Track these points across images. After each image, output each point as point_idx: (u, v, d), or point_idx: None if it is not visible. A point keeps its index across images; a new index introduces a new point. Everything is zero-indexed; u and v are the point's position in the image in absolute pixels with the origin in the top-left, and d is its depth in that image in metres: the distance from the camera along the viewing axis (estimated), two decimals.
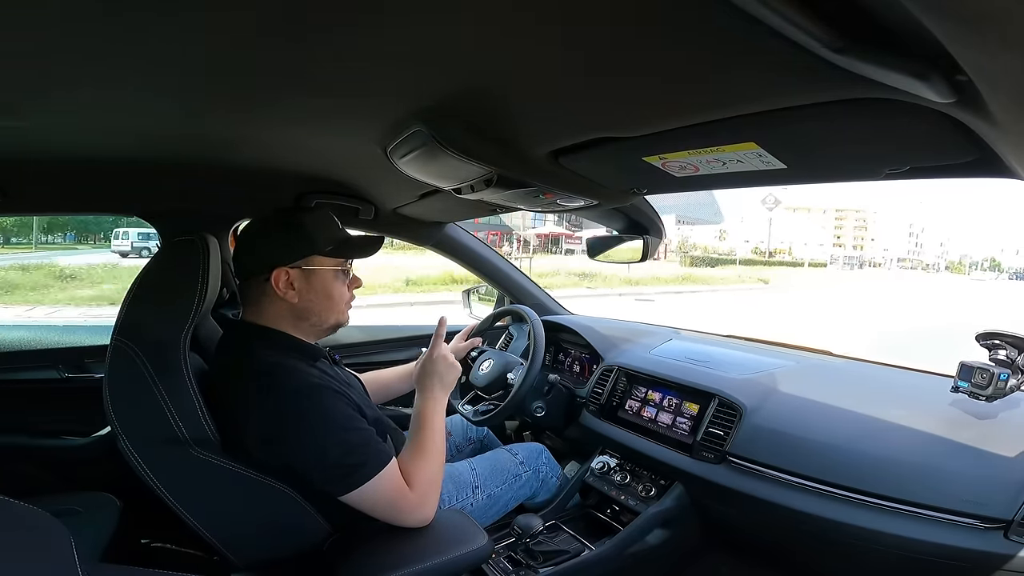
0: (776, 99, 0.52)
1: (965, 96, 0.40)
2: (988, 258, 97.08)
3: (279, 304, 0.86)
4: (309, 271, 0.87)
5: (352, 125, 0.77)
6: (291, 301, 0.86)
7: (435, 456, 0.88)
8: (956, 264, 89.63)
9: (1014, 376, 0.93)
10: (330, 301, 0.89)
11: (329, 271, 0.89)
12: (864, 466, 0.93)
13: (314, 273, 0.87)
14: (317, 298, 0.88)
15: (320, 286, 0.88)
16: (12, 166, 0.96)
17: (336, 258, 0.90)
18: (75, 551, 0.48)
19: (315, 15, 0.44)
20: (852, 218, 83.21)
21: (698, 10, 0.38)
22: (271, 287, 0.85)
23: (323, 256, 0.88)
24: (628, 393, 1.37)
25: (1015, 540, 0.78)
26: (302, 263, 0.86)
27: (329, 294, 0.89)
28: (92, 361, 1.35)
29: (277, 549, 0.83)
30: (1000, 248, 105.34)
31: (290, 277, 0.85)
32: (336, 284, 0.90)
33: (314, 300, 0.88)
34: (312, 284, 0.87)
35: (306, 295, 0.87)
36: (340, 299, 0.91)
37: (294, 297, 0.86)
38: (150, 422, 0.75)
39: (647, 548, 1.13)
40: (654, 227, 1.23)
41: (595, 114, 0.64)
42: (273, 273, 0.84)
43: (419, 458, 0.86)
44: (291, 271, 0.85)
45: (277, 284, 0.85)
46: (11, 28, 0.47)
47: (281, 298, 0.86)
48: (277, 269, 0.84)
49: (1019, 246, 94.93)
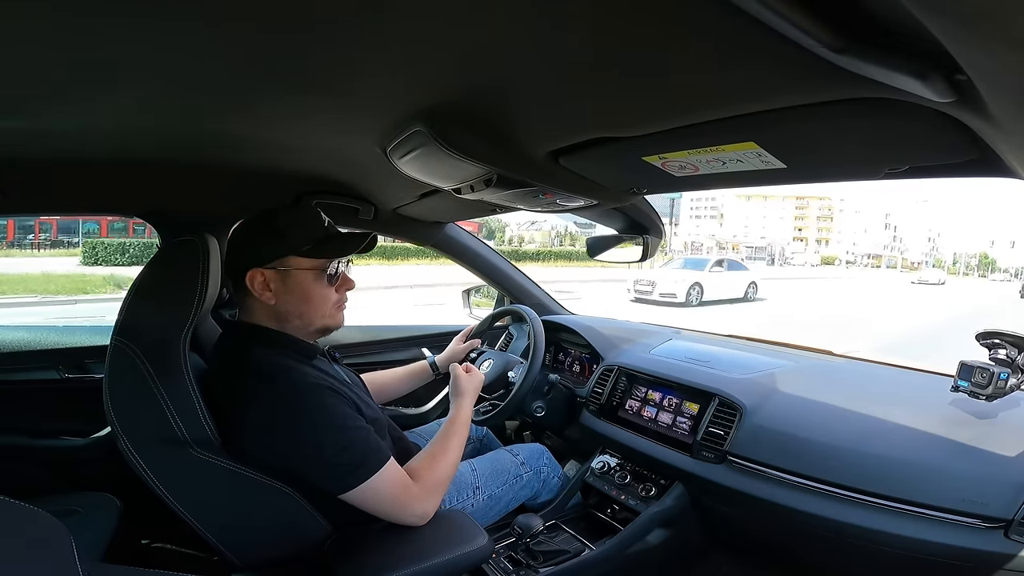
0: (776, 99, 0.52)
1: (965, 96, 0.40)
2: (977, 254, 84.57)
3: (259, 305, 0.85)
4: (285, 272, 0.84)
5: (352, 125, 0.77)
6: (269, 303, 0.84)
7: (453, 460, 0.91)
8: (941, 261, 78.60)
9: (1014, 375, 0.93)
10: (309, 304, 0.86)
11: (307, 272, 0.85)
12: (864, 465, 0.93)
13: (290, 274, 0.84)
14: (294, 300, 0.85)
15: (297, 288, 0.85)
16: (12, 166, 0.96)
17: (316, 258, 0.85)
18: (75, 551, 0.48)
19: (315, 15, 0.44)
20: (815, 207, 76.77)
21: (698, 10, 0.38)
22: (248, 288, 0.83)
23: (301, 256, 0.84)
24: (628, 393, 1.37)
25: (1015, 539, 0.78)
26: (277, 264, 0.83)
27: (307, 296, 0.86)
28: (92, 361, 1.35)
29: (277, 549, 0.83)
30: (991, 241, 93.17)
31: (266, 278, 0.83)
32: (316, 286, 0.86)
33: (291, 302, 0.85)
34: (288, 286, 0.84)
35: (283, 296, 0.84)
36: (322, 301, 0.87)
37: (271, 299, 0.84)
38: (150, 422, 0.75)
39: (647, 548, 1.13)
40: (654, 227, 1.23)
41: (595, 114, 0.64)
42: (247, 274, 0.82)
43: (440, 456, 0.90)
44: (266, 272, 0.83)
45: (252, 285, 0.83)
46: (11, 28, 0.47)
47: (258, 299, 0.84)
48: (251, 270, 0.82)
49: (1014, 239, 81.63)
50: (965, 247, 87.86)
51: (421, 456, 0.90)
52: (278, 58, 0.53)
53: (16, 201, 1.10)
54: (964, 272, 71.27)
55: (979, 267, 78.32)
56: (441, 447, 0.92)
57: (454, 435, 0.95)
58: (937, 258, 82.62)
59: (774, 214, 75.37)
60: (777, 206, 75.89)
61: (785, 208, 76.28)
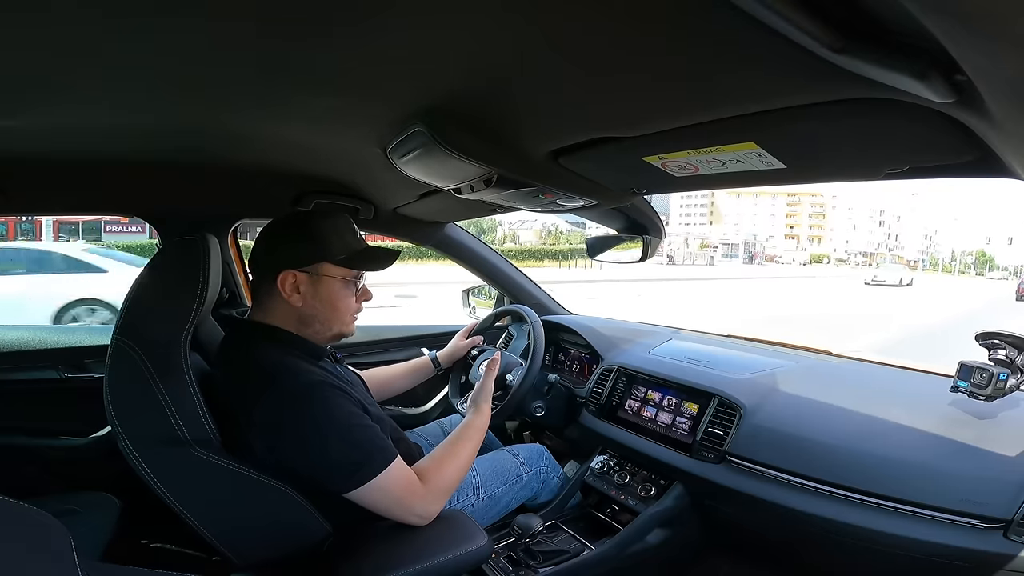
0: (776, 99, 0.52)
1: (965, 96, 0.40)
2: (975, 252, 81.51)
3: (284, 306, 0.86)
4: (317, 278, 0.86)
5: (352, 125, 0.77)
6: (295, 305, 0.85)
7: (463, 464, 0.91)
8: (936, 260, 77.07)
9: (1013, 376, 0.93)
10: (335, 312, 0.88)
11: (338, 280, 0.87)
12: (863, 466, 0.93)
13: (322, 280, 0.86)
14: (322, 306, 0.87)
15: (327, 294, 0.87)
16: (12, 166, 0.96)
17: (348, 268, 0.88)
18: (75, 551, 0.48)
19: (315, 15, 0.44)
20: (807, 203, 74.54)
21: (698, 10, 0.39)
22: (277, 288, 0.84)
23: (334, 265, 0.86)
24: (628, 393, 1.37)
25: (1015, 540, 0.78)
26: (311, 269, 0.85)
27: (335, 304, 0.88)
28: (92, 361, 1.35)
29: (278, 549, 0.83)
30: (987, 238, 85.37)
31: (297, 281, 0.85)
32: (343, 295, 0.89)
33: (319, 307, 0.87)
34: (319, 291, 0.86)
35: (311, 301, 0.86)
36: (345, 310, 0.90)
37: (298, 301, 0.85)
38: (151, 422, 0.75)
39: (647, 548, 1.13)
40: (654, 227, 1.23)
41: (595, 114, 0.64)
42: (280, 275, 0.84)
43: (450, 460, 0.89)
44: (299, 275, 0.84)
45: (283, 286, 0.84)
46: (11, 29, 0.47)
47: (286, 301, 0.85)
48: (284, 271, 0.84)
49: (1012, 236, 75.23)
50: (963, 245, 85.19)
51: (431, 457, 0.89)
52: (278, 58, 0.53)
53: (17, 201, 1.10)
54: (960, 271, 69.65)
55: (976, 265, 76.36)
56: (452, 451, 0.91)
57: (468, 440, 0.94)
58: (932, 256, 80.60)
59: (765, 211, 73.77)
60: (768, 203, 74.27)
61: (776, 205, 74.76)
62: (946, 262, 75.61)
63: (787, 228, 74.27)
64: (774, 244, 67.02)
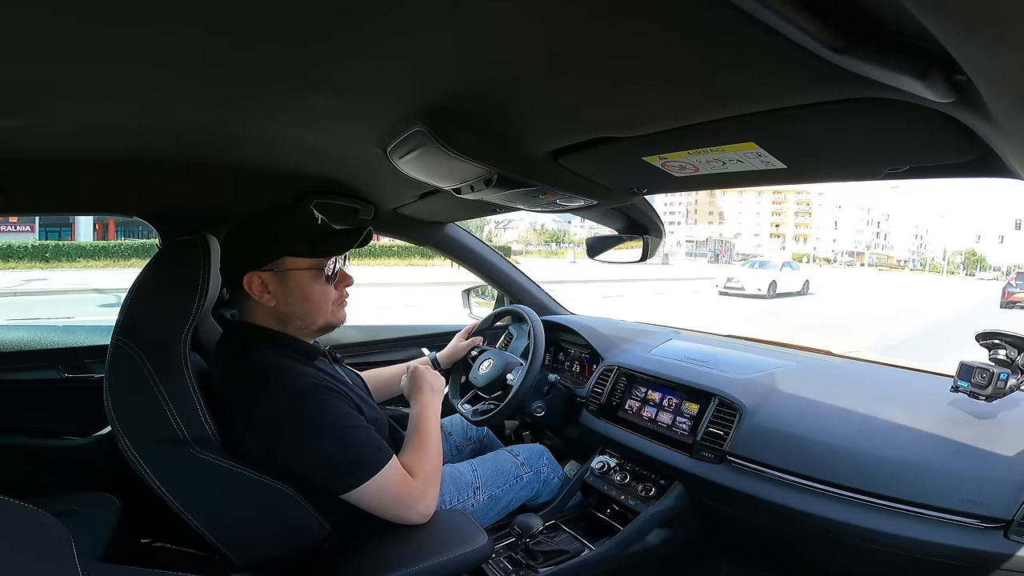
0: (776, 99, 0.52)
1: (965, 96, 0.40)
2: (964, 251, 77.02)
3: (259, 308, 0.85)
4: (282, 273, 0.84)
5: (352, 125, 0.77)
6: (269, 305, 0.84)
7: (433, 454, 0.90)
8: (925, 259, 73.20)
9: (1014, 376, 0.93)
10: (310, 304, 0.86)
11: (304, 272, 0.85)
12: (864, 466, 0.93)
13: (288, 275, 0.84)
14: (294, 301, 0.85)
15: (296, 288, 0.85)
16: (12, 166, 0.95)
17: (311, 257, 0.85)
18: (75, 551, 0.48)
19: (315, 16, 0.44)
20: (793, 201, 70.74)
21: (697, 10, 0.38)
22: (247, 292, 0.83)
23: (295, 257, 0.84)
24: (628, 393, 1.36)
25: (1015, 540, 0.78)
26: (273, 266, 0.83)
27: (307, 296, 0.86)
28: (92, 361, 1.34)
29: (277, 549, 0.83)
30: (976, 236, 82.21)
31: (263, 280, 0.83)
32: (314, 285, 0.86)
33: (292, 303, 0.85)
34: (287, 287, 0.84)
35: (283, 298, 0.84)
36: (322, 300, 0.87)
37: (271, 301, 0.84)
38: (150, 422, 0.75)
39: (647, 548, 1.13)
40: (654, 227, 1.23)
41: (595, 114, 0.64)
42: (244, 278, 0.82)
43: (418, 454, 0.88)
44: (263, 275, 0.83)
45: (251, 288, 0.83)
46: (11, 29, 0.47)
47: (258, 302, 0.84)
48: (248, 274, 0.82)
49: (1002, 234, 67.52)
50: (953, 244, 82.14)
51: (406, 451, 0.88)
52: (278, 59, 0.53)
53: (17, 201, 1.10)
54: (950, 271, 67.37)
55: (966, 264, 73.30)
56: (418, 440, 0.90)
57: (420, 431, 0.92)
58: (922, 256, 78.05)
59: (750, 209, 71.31)
60: (754, 201, 71.51)
61: (762, 203, 71.83)
62: (936, 261, 73.19)
63: (772, 227, 71.63)
64: (759, 244, 65.45)
